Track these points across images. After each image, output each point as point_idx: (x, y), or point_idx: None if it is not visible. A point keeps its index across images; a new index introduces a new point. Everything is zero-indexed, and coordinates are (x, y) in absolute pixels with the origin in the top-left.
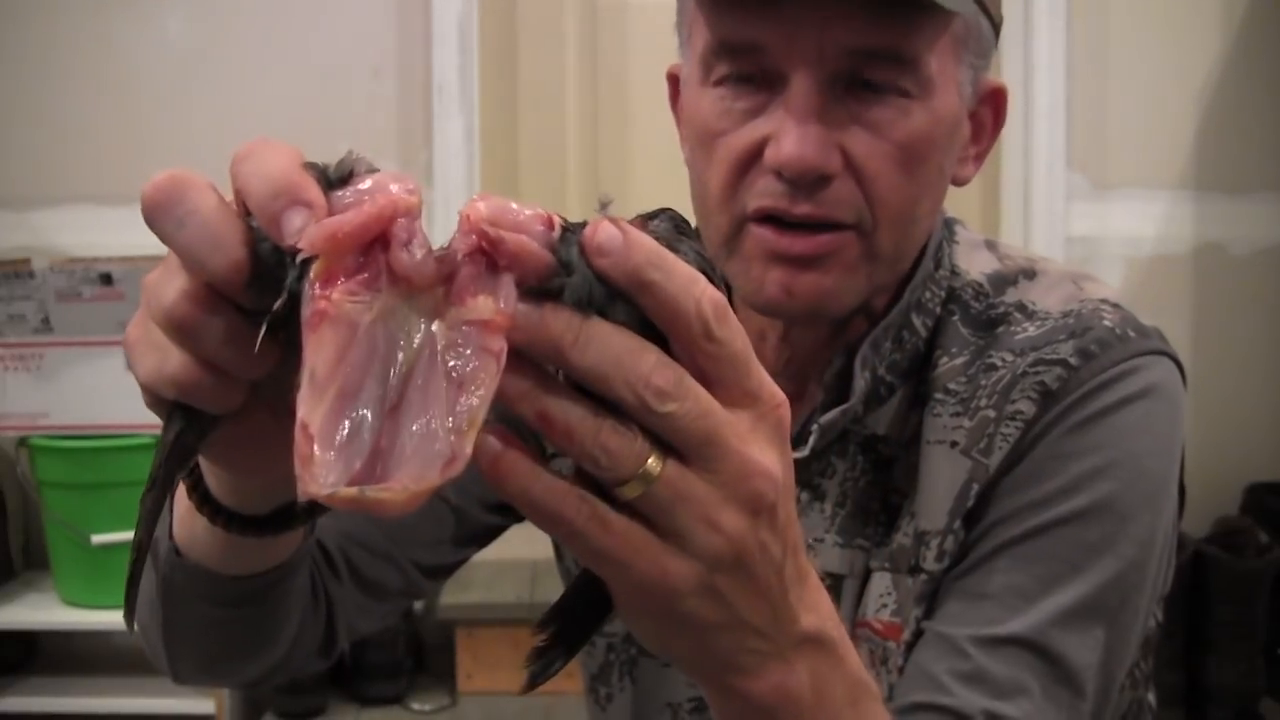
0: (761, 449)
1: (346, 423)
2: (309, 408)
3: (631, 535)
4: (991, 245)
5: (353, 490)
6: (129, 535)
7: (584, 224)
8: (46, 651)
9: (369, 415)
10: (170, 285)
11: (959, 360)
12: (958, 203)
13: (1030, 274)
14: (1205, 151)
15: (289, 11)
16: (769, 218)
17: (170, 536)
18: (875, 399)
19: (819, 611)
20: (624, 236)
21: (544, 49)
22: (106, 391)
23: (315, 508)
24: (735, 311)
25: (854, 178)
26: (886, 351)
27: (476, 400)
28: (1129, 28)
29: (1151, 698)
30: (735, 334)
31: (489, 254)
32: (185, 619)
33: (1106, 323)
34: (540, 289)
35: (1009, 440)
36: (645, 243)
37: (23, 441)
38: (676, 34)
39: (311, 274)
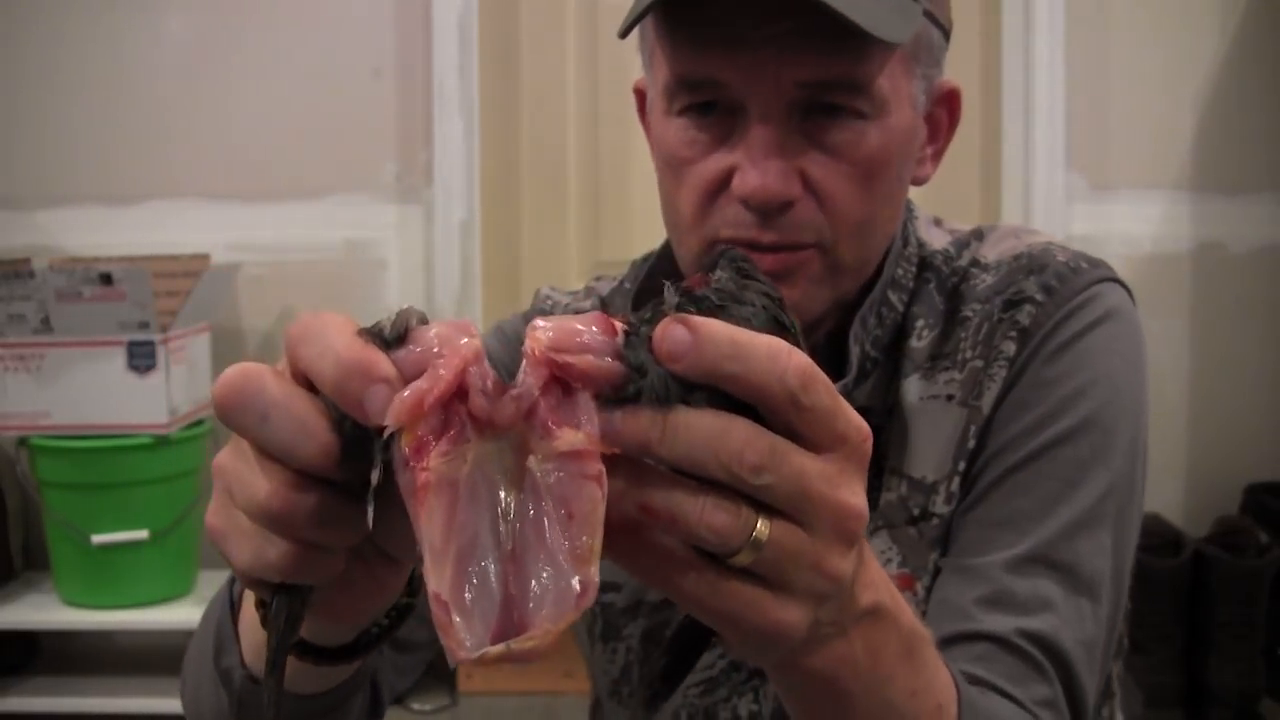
0: (852, 490)
1: (473, 580)
2: (436, 578)
3: (742, 594)
4: (939, 221)
5: (499, 648)
6: (129, 535)
7: (650, 318)
8: (46, 651)
9: (491, 566)
10: (258, 478)
11: (935, 332)
12: (960, 203)
13: (979, 235)
14: (1205, 151)
15: (289, 11)
16: (738, 242)
17: (242, 665)
18: (861, 374)
19: (875, 586)
20: (692, 336)
21: (544, 49)
22: (106, 391)
23: (397, 625)
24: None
25: (814, 199)
26: (871, 327)
27: (590, 527)
28: (1129, 28)
29: (1118, 667)
30: (822, 392)
31: (561, 379)
32: None
33: (1060, 259)
34: (617, 398)
35: (997, 381)
36: (716, 336)
37: (23, 441)
38: (640, 54)
39: (404, 448)
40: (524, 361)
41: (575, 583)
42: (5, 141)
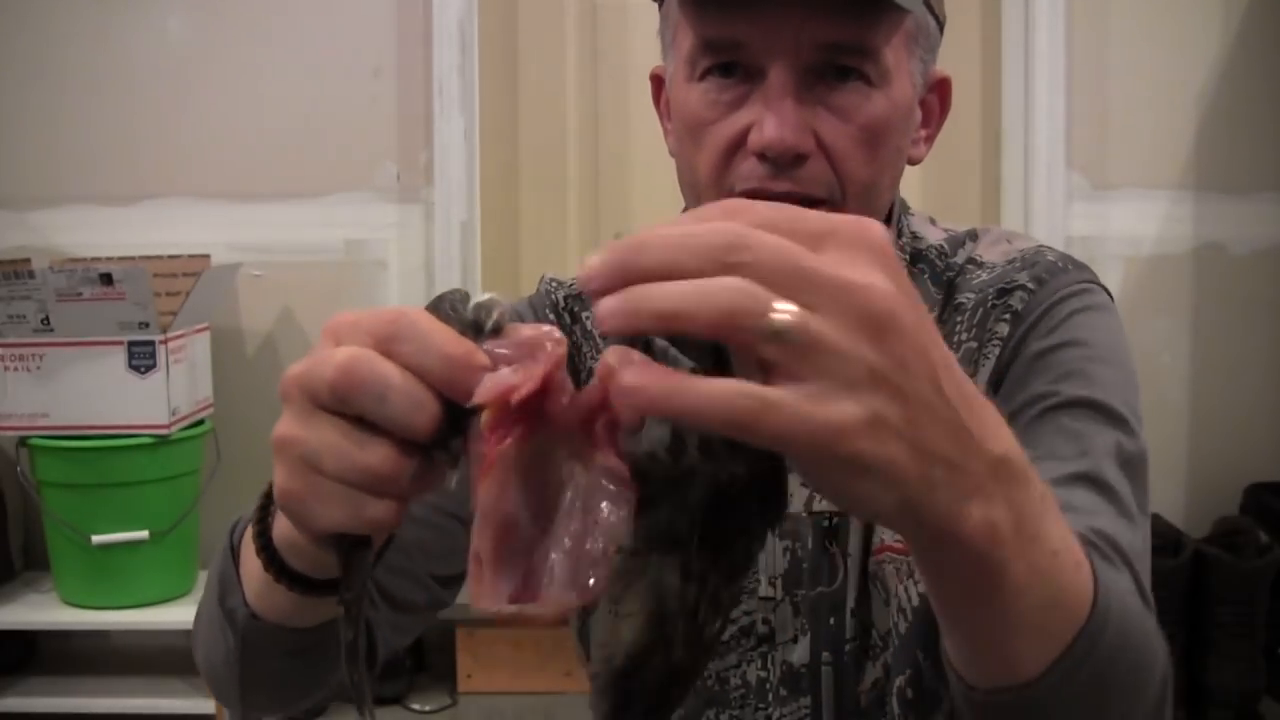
0: (859, 270)
1: (508, 548)
2: (479, 540)
3: (789, 400)
4: (933, 220)
5: (513, 607)
6: (128, 535)
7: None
8: (46, 651)
9: (524, 541)
10: (359, 448)
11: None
12: (960, 203)
13: (974, 235)
14: (1205, 151)
15: (289, 11)
16: (753, 194)
17: (245, 604)
18: None
19: (1000, 435)
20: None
21: (544, 49)
22: (106, 391)
23: (379, 557)
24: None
25: (825, 157)
26: None
27: (611, 537)
28: (1129, 28)
29: None
30: (762, 246)
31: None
32: (262, 670)
33: (1050, 257)
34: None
35: (990, 359)
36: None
37: (23, 441)
38: (660, 39)
39: (483, 423)
40: (595, 377)
41: (586, 577)
42: (5, 141)
